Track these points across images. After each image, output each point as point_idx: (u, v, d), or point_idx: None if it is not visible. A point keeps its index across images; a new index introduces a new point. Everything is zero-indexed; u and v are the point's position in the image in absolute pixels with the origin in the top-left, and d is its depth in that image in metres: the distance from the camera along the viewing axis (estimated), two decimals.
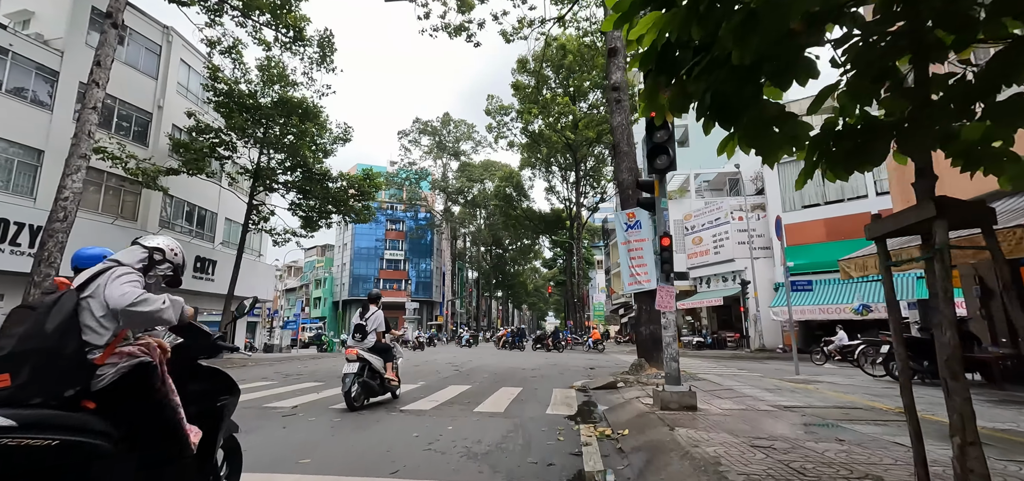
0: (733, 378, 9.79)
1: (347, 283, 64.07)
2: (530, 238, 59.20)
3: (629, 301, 48.25)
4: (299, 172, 22.29)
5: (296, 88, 21.00)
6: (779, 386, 8.08)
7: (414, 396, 7.77)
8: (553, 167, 45.54)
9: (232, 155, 21.03)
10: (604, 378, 9.34)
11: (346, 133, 23.59)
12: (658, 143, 5.73)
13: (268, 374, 12.51)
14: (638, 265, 10.24)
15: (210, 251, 23.80)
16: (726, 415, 5.12)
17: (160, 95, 21.56)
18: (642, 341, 9.95)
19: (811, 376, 10.65)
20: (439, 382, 10.02)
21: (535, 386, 9.39)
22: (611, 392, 8.22)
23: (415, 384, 9.55)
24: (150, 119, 21.19)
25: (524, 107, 35.98)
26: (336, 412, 6.17)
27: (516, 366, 14.79)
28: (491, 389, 8.77)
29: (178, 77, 22.73)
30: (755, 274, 24.25)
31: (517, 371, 12.83)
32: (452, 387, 9.05)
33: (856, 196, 21.97)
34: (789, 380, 9.48)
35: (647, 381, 8.57)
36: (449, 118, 54.40)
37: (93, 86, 13.22)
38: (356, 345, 6.40)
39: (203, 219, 24.41)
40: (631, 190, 10.56)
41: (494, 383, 9.85)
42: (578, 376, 11.52)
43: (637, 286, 10.16)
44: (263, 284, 29.27)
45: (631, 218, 10.44)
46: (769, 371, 13.81)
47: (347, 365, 6.16)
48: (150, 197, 20.52)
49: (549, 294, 76.01)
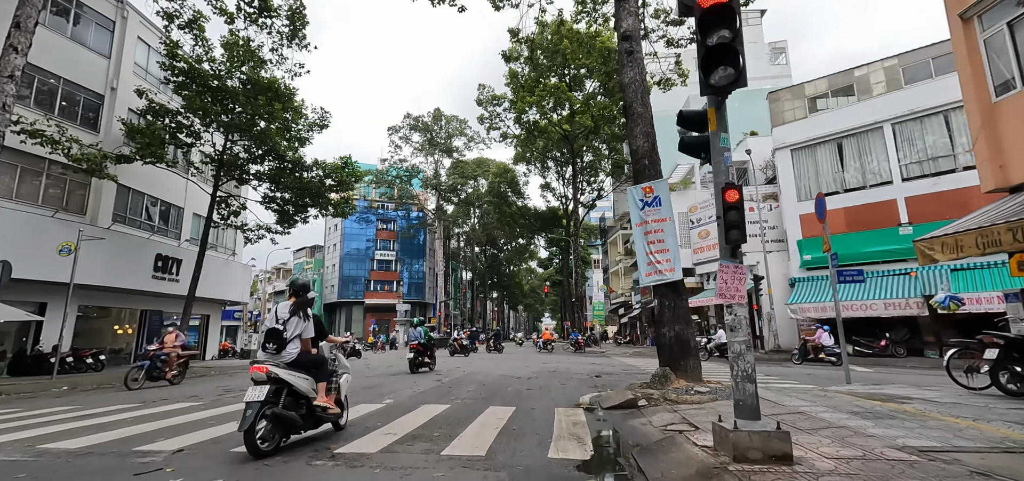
0: (782, 392, 7.81)
1: (337, 285, 61.87)
2: (526, 237, 57.30)
3: (629, 300, 46.24)
4: (271, 162, 20.20)
5: (265, 68, 18.91)
6: (862, 406, 6.09)
7: (366, 424, 5.74)
8: (549, 162, 43.61)
9: (196, 142, 18.94)
10: (619, 393, 7.34)
11: (323, 119, 21.55)
12: (718, 46, 3.68)
13: (205, 391, 10.40)
14: (658, 251, 8.25)
15: (175, 249, 21.65)
16: (847, 475, 3.12)
17: (113, 76, 19.41)
18: (666, 345, 7.95)
19: (874, 386, 8.68)
20: (410, 399, 7.98)
21: (531, 404, 7.38)
22: (633, 414, 6.22)
23: (379, 403, 7.50)
24: (101, 102, 19.03)
25: (518, 96, 33.99)
26: (234, 459, 4.14)
27: (510, 374, 12.76)
28: (475, 411, 6.75)
29: (135, 57, 20.57)
30: (768, 269, 22.37)
31: (511, 381, 10.81)
32: (425, 408, 7.02)
33: (880, 182, 20.08)
34: (858, 394, 7.50)
35: (678, 398, 6.57)
36: (441, 113, 52.45)
37: (11, 51, 11.19)
38: (268, 359, 4.38)
39: (167, 214, 22.24)
40: (647, 159, 8.57)
41: (480, 400, 7.82)
42: (583, 387, 9.52)
43: (658, 277, 8.17)
44: (238, 285, 27.12)
45: (648, 194, 8.46)
46: (802, 375, 11.88)
47: (251, 390, 4.14)
48: (102, 188, 18.37)
49: (545, 294, 74.07)
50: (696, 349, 7.84)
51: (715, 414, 5.27)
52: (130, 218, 20.08)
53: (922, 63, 19.97)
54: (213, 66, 18.18)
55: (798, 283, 21.45)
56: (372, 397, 8.32)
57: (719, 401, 6.43)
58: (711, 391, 6.86)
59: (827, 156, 21.77)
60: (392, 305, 55.60)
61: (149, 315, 21.93)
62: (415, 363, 13.72)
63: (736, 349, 3.52)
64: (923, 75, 19.86)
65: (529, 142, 37.51)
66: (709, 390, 6.88)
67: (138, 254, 19.61)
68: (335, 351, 5.28)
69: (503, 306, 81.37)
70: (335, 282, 62.25)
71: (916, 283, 18.19)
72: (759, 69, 35.45)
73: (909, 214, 19.21)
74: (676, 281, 8.05)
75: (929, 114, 19.08)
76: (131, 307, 21.22)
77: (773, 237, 23.80)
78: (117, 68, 19.56)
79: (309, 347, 4.59)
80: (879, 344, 18.44)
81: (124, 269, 18.83)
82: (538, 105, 33.20)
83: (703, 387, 7.08)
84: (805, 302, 20.21)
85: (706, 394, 6.68)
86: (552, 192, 47.40)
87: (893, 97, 20.09)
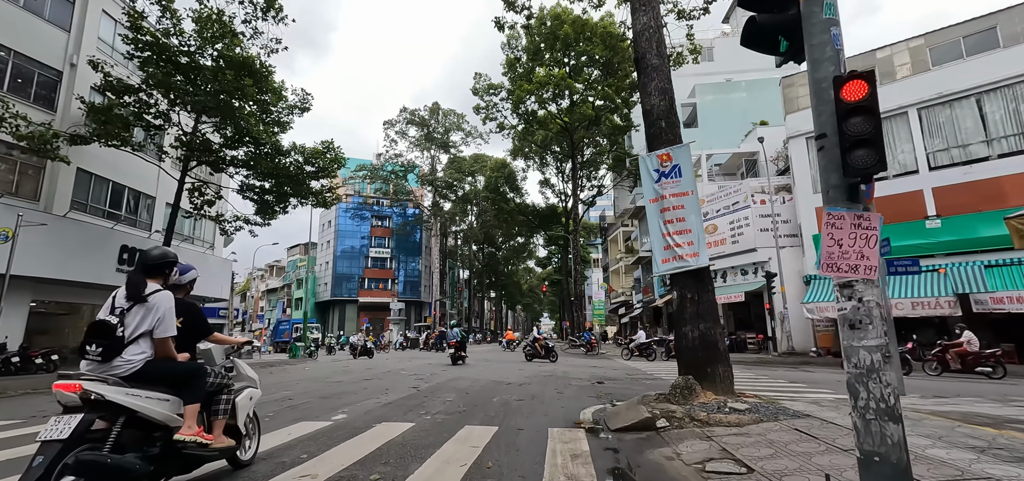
0: (825, 404, 6.26)
1: (330, 282, 60.29)
2: (524, 235, 55.75)
3: (630, 299, 44.62)
4: (247, 147, 18.60)
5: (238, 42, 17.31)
6: (979, 437, 4.55)
7: (285, 457, 4.19)
8: (548, 158, 42.05)
9: (166, 125, 17.39)
10: (630, 407, 5.78)
11: (304, 101, 19.95)
12: None
13: None
14: (677, 232, 6.71)
15: (143, 241, 20.02)
16: None
17: (74, 51, 17.82)
18: (688, 348, 6.38)
19: (940, 400, 7.14)
20: (369, 414, 6.42)
21: (518, 422, 5.82)
22: (652, 441, 4.67)
23: (324, 421, 5.92)
24: (59, 79, 17.45)
25: (515, 85, 32.42)
26: None
27: (499, 379, 11.20)
28: (444, 433, 5.20)
29: (99, 31, 18.99)
30: (781, 265, 20.84)
31: (498, 389, 9.24)
32: (380, 429, 5.45)
33: (905, 172, 18.53)
34: (942, 414, 5.97)
35: (709, 417, 5.02)
36: (438, 107, 50.89)
37: None
38: (92, 370, 2.81)
39: (135, 203, 20.64)
40: (664, 121, 7.02)
41: (456, 415, 6.27)
42: (584, 397, 7.97)
43: (677, 264, 6.64)
44: (217, 281, 25.51)
45: (665, 162, 6.92)
46: (834, 383, 10.22)
47: (51, 423, 2.56)
48: (58, 173, 16.79)
49: (544, 293, 72.56)
50: (726, 353, 6.28)
51: (765, 442, 3.72)
52: (92, 206, 18.49)
53: (951, 42, 18.45)
54: (182, 40, 16.61)
55: (814, 281, 19.91)
56: (323, 410, 6.76)
57: (765, 421, 4.87)
58: (751, 408, 5.30)
59: None
60: (386, 304, 54.00)
61: None
62: (455, 356, 17.50)
63: (863, 360, 1.97)
64: (953, 56, 18.35)
65: (527, 134, 35.95)
66: (748, 407, 5.32)
67: (101, 245, 18.04)
68: (232, 357, 3.72)
69: (501, 306, 79.82)
70: (328, 280, 60.73)
71: (946, 280, 16.66)
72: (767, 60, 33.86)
73: (937, 206, 17.68)
74: (700, 268, 6.50)
75: (959, 97, 17.54)
76: (95, 303, 19.63)
77: (786, 232, 22.28)
78: (78, 43, 17.97)
79: (169, 350, 3.02)
80: (905, 347, 16.90)
81: (84, 261, 17.26)
82: (536, 94, 31.63)
83: (739, 402, 5.53)
84: (823, 301, 18.67)
85: (746, 413, 5.12)
86: (551, 188, 45.86)
87: (919, 80, 18.56)
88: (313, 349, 26.63)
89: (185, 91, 16.28)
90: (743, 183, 24.83)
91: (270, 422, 5.79)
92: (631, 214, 39.85)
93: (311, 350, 26.34)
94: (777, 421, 4.83)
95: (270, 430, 5.24)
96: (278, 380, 12.38)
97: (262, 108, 18.33)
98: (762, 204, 22.99)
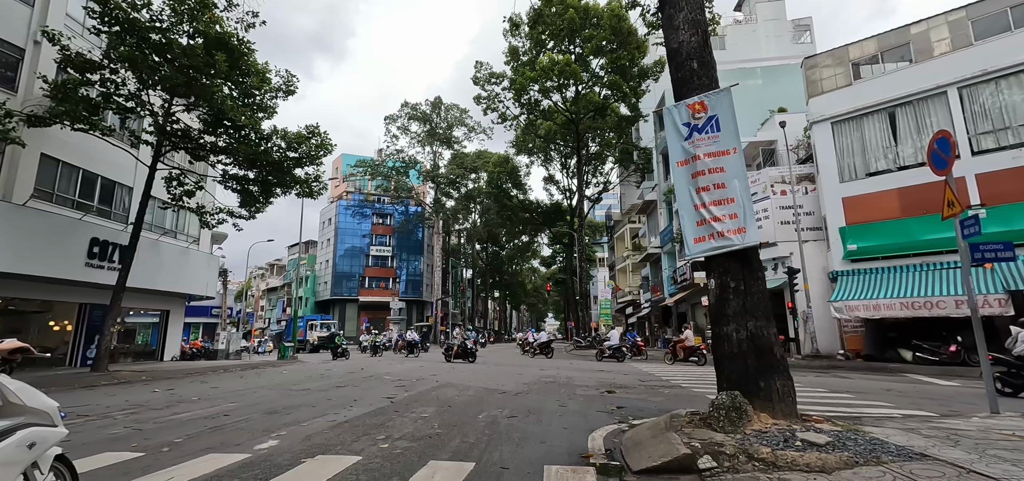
0: (892, 423, 4.65)
1: (330, 281, 59.02)
2: (528, 234, 54.22)
3: (637, 298, 42.84)
4: (224, 133, 17.17)
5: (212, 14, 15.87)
6: None
7: None
8: (552, 153, 40.49)
9: (139, 107, 16.03)
10: (657, 433, 4.23)
11: (289, 84, 18.50)
12: None
13: None
14: (715, 203, 5.15)
15: (117, 233, 18.67)
16: None
17: (37, 27, 16.46)
18: (732, 354, 4.77)
19: None
20: (309, 440, 4.89)
21: (504, 456, 4.28)
22: None
23: (243, 453, 4.41)
24: (21, 57, 16.08)
25: (517, 73, 30.90)
26: None
27: (494, 386, 9.63)
28: (393, 477, 3.66)
29: (66, 7, 17.62)
30: (804, 261, 19.15)
31: (490, 400, 7.69)
32: (304, 470, 3.92)
33: None
34: None
35: (777, 459, 3.43)
36: (440, 101, 49.32)
37: None
38: None
39: (109, 193, 19.25)
40: (695, 61, 5.44)
41: (422, 441, 4.73)
42: (591, 412, 6.41)
43: (717, 244, 5.07)
44: (202, 277, 24.15)
45: (698, 112, 5.37)
46: (880, 392, 8.29)
47: None
48: (20, 159, 15.43)
49: (549, 292, 71.00)
50: (783, 360, 4.68)
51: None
52: (59, 195, 17.11)
53: (998, 13, 16.70)
54: (152, 13, 15.22)
55: (842, 277, 18.21)
56: (254, 433, 5.24)
57: (862, 466, 3.29)
58: (834, 441, 3.71)
59: (876, 128, 18.49)
60: (387, 303, 52.68)
61: (90, 310, 19.00)
62: (449, 356, 19.47)
63: None
64: (999, 28, 16.60)
65: (531, 126, 34.38)
66: (830, 440, 3.73)
67: (68, 237, 16.68)
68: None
69: (505, 306, 78.31)
70: (328, 278, 59.52)
71: (994, 276, 14.95)
72: (781, 49, 32.27)
73: (982, 195, 15.95)
74: (747, 248, 4.93)
75: (1007, 73, 15.82)
76: (65, 300, 18.32)
77: (809, 225, 20.58)
78: (43, 18, 16.61)
79: None
80: (948, 350, 15.23)
81: (49, 255, 15.91)
82: (540, 82, 30.09)
83: (812, 431, 3.94)
84: (853, 299, 17.01)
85: (828, 449, 3.54)
86: (556, 184, 44.35)
87: (960, 56, 16.83)
88: (343, 348, 25.35)
89: (154, 67, 14.86)
90: (761, 172, 23.11)
91: (167, 454, 4.29)
92: (639, 210, 38.20)
93: (343, 348, 25.10)
94: (881, 465, 3.25)
95: (148, 473, 3.73)
96: (239, 387, 10.90)
97: (244, 92, 16.91)
98: (783, 195, 21.30)
